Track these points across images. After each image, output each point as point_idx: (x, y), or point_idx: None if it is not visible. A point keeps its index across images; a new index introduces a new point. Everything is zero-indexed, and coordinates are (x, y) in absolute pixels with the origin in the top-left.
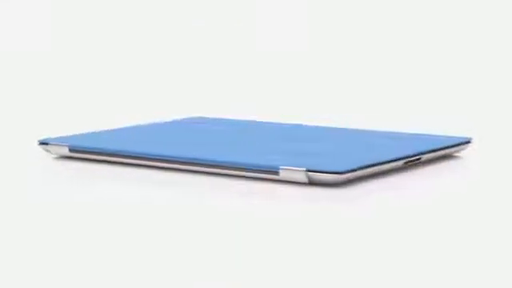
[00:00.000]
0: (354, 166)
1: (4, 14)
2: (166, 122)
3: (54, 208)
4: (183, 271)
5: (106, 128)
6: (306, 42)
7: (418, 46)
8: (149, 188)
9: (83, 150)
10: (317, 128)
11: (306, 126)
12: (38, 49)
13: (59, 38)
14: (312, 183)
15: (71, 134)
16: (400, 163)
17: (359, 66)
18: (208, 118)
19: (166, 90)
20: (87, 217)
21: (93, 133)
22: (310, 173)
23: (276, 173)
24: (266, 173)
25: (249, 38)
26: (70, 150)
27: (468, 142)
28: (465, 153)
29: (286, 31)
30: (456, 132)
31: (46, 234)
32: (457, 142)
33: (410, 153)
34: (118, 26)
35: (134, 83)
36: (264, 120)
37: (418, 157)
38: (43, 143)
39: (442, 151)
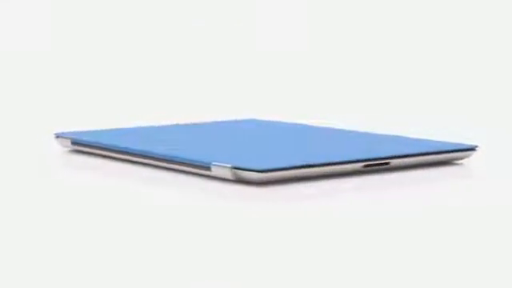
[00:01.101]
0: (284, 165)
1: (11, 14)
2: (183, 124)
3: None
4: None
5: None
6: (306, 41)
7: (423, 45)
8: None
9: (83, 144)
10: (307, 127)
11: (292, 125)
12: (62, 48)
13: (92, 37)
14: (240, 181)
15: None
16: (359, 166)
17: (360, 67)
18: (260, 120)
19: (162, 91)
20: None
21: (101, 130)
22: (235, 170)
23: (209, 169)
24: (200, 168)
25: (249, 38)
26: (72, 143)
27: (469, 149)
28: (467, 161)
29: (286, 31)
30: (474, 140)
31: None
32: (448, 148)
33: (372, 156)
34: (117, 28)
35: (126, 84)
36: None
37: (382, 161)
38: (57, 136)
39: (426, 156)
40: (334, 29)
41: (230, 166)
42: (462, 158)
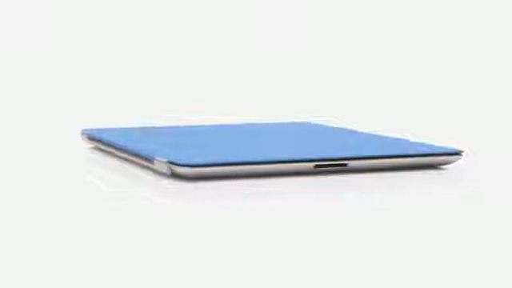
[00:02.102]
0: (214, 161)
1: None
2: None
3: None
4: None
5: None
6: (306, 41)
7: (419, 44)
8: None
9: (96, 140)
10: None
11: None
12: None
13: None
14: (175, 175)
15: None
16: (309, 166)
17: (359, 67)
18: (315, 123)
19: (162, 90)
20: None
21: (121, 128)
22: (170, 164)
23: (152, 162)
24: (148, 161)
25: (249, 38)
26: (89, 139)
27: (453, 153)
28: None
29: (286, 31)
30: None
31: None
32: (426, 151)
33: (324, 156)
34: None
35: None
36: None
37: (336, 162)
38: (82, 133)
39: (397, 159)
40: (334, 29)
41: (165, 160)
42: (446, 163)
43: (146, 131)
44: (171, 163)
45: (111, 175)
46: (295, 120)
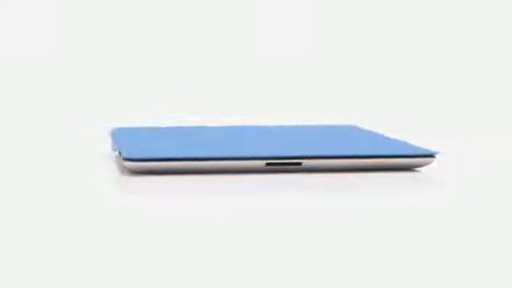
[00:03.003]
0: (159, 156)
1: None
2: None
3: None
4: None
5: None
6: (306, 41)
7: (419, 44)
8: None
9: (112, 138)
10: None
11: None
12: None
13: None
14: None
15: None
16: (260, 164)
17: (359, 67)
18: (358, 126)
19: (162, 88)
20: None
21: (140, 127)
22: (120, 158)
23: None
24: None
25: (249, 38)
26: (110, 135)
27: (426, 156)
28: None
29: (286, 31)
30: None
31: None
32: (394, 153)
33: (276, 154)
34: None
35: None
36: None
37: (288, 160)
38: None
39: (362, 160)
40: (334, 29)
41: (117, 153)
42: (419, 166)
43: None
44: (120, 157)
45: (89, 168)
46: (295, 120)
